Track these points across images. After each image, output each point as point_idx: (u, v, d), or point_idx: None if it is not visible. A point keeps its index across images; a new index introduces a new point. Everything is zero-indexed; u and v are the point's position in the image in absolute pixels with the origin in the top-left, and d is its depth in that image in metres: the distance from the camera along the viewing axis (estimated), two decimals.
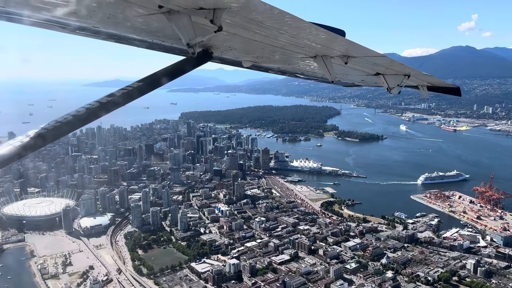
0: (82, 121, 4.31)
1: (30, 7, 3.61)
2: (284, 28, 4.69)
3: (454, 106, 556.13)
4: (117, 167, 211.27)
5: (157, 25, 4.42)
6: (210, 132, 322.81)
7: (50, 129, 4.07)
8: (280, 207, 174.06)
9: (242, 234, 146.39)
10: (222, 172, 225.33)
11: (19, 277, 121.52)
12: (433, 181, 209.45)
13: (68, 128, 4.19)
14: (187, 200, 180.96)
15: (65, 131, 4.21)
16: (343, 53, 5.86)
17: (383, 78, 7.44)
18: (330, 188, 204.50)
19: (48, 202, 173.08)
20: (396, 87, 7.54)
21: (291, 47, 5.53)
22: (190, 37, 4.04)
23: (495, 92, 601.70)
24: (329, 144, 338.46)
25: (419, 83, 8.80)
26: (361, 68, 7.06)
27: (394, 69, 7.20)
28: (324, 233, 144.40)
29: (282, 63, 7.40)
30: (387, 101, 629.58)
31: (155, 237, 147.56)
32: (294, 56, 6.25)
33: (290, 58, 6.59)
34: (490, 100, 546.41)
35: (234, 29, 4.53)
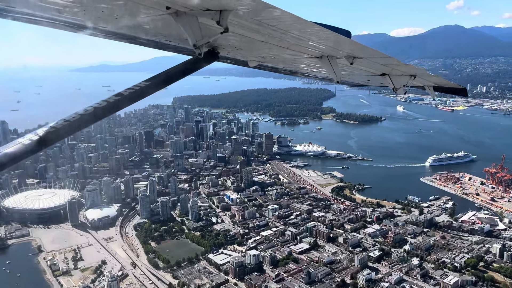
0: (90, 120, 4.37)
1: (39, 7, 3.70)
2: (290, 29, 4.76)
3: None
4: (118, 156, 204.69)
5: (164, 25, 4.52)
6: (208, 117, 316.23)
7: (59, 128, 4.14)
8: (291, 194, 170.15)
9: (256, 223, 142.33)
10: (226, 159, 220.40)
11: (29, 275, 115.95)
12: (441, 163, 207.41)
13: (77, 126, 4.26)
14: (194, 189, 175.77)
15: (74, 130, 4.27)
16: (349, 54, 5.85)
17: (389, 79, 7.37)
18: (337, 173, 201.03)
19: (50, 193, 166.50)
20: (402, 87, 7.51)
21: (297, 47, 5.53)
22: (197, 38, 4.15)
23: (486, 71, 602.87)
24: (328, 127, 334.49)
25: (425, 84, 8.70)
26: (367, 69, 6.95)
27: (400, 70, 7.13)
28: (340, 219, 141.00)
29: (287, 63, 7.37)
30: None
31: (166, 227, 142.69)
32: (299, 57, 6.21)
33: (296, 59, 6.54)
34: (482, 80, 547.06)
35: (240, 30, 4.58)
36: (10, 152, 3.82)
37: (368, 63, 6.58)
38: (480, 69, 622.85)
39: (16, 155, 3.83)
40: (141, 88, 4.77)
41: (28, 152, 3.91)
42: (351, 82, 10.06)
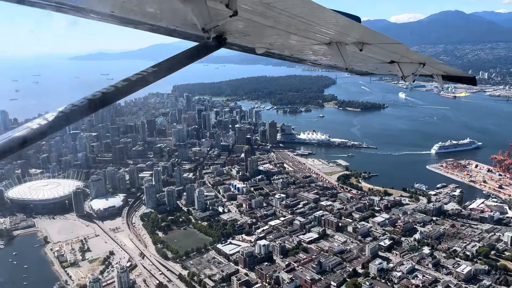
0: (98, 105, 4.33)
1: None
2: (300, 13, 4.75)
3: None
4: (121, 145, 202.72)
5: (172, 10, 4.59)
6: (210, 105, 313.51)
7: (67, 113, 4.11)
8: (297, 183, 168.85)
9: (264, 212, 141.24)
10: (230, 147, 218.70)
11: (36, 266, 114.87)
12: (447, 150, 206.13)
13: (85, 112, 4.24)
14: (199, 178, 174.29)
15: (82, 115, 4.27)
16: (358, 40, 5.76)
17: (398, 66, 7.27)
18: (342, 161, 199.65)
19: (54, 184, 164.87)
20: (410, 75, 7.46)
21: (305, 33, 5.44)
22: (205, 22, 4.17)
23: (487, 57, 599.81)
24: (331, 114, 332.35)
25: (434, 72, 8.64)
26: (376, 56, 6.90)
27: (409, 57, 7.06)
28: (348, 208, 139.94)
29: (295, 50, 7.28)
30: None
31: (173, 217, 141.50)
32: (308, 43, 6.10)
33: (304, 45, 6.46)
34: (483, 65, 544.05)
35: (249, 14, 4.60)
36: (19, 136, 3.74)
37: (377, 50, 6.41)
38: (481, 55, 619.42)
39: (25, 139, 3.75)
40: (149, 73, 4.68)
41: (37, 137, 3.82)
42: (359, 70, 9.78)
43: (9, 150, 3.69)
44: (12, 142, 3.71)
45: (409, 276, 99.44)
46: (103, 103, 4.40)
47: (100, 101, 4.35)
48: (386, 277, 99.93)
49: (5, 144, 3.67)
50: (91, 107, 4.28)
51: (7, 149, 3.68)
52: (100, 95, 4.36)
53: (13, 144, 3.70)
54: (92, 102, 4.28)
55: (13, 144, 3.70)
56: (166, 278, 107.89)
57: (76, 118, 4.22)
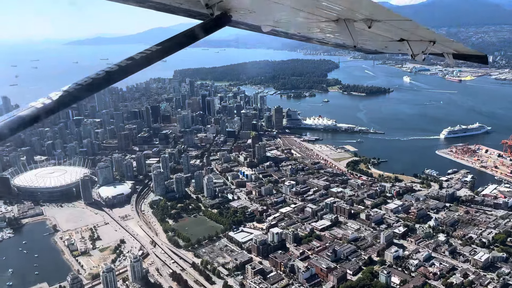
0: (102, 84, 4.41)
1: None
2: None
3: None
4: (126, 132, 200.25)
5: None
6: (213, 91, 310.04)
7: (71, 92, 4.21)
8: (306, 169, 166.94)
9: (274, 200, 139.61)
10: (235, 134, 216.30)
11: (47, 255, 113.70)
12: (456, 135, 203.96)
13: (89, 90, 4.31)
14: (207, 165, 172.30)
15: (86, 94, 4.34)
16: (367, 17, 5.63)
17: (408, 44, 7.15)
18: (350, 146, 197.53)
19: (61, 171, 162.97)
20: (420, 54, 7.27)
21: (312, 9, 5.36)
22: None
23: (491, 39, 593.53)
24: (336, 99, 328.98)
25: (444, 50, 8.39)
26: (385, 34, 6.76)
27: (419, 35, 6.87)
28: (360, 195, 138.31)
29: (302, 28, 7.07)
30: None
31: (182, 205, 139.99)
32: (315, 20, 6.00)
33: (311, 23, 6.31)
34: (487, 48, 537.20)
35: None
36: (24, 115, 3.84)
37: (386, 27, 6.19)
38: (485, 38, 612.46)
39: (30, 118, 3.84)
40: (153, 52, 4.67)
41: (42, 115, 3.93)
42: (367, 49, 9.58)
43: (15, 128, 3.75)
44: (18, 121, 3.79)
45: (426, 264, 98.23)
46: (107, 82, 4.38)
47: (104, 79, 4.33)
48: (403, 265, 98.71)
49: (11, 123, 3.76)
50: (95, 86, 4.28)
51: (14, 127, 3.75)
52: (104, 74, 4.34)
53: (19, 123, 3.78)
54: (96, 80, 4.26)
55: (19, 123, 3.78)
56: (179, 266, 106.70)
57: (81, 97, 4.27)
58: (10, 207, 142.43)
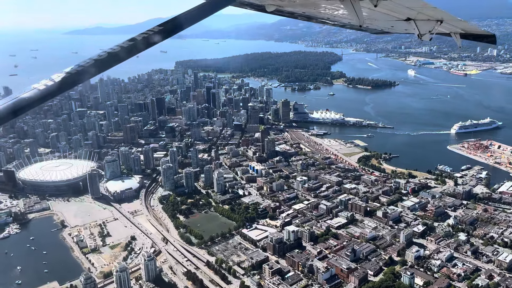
0: (104, 65, 4.36)
1: None
2: None
3: (456, 48, 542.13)
4: (132, 124, 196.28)
5: None
6: (217, 83, 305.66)
7: (74, 73, 4.19)
8: (316, 164, 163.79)
9: (286, 196, 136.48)
10: (242, 127, 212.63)
11: (56, 252, 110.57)
12: (467, 130, 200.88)
13: (91, 72, 4.29)
14: (216, 159, 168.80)
15: (88, 76, 4.32)
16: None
17: (414, 24, 7.04)
18: (360, 141, 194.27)
19: (66, 164, 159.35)
20: (427, 33, 7.18)
21: None
22: None
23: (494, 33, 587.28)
24: (341, 92, 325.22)
25: (451, 30, 8.21)
26: (391, 13, 6.61)
27: (426, 14, 6.76)
28: (374, 192, 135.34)
29: (307, 7, 6.96)
30: (386, 45, 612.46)
31: (193, 200, 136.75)
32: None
33: (316, 1, 6.21)
34: None
35: None
36: (27, 97, 3.84)
37: (393, 6, 6.08)
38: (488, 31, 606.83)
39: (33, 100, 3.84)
40: (155, 32, 4.63)
41: (43, 97, 3.93)
42: (374, 29, 9.33)
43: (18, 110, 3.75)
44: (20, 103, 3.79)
45: (448, 264, 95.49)
46: (109, 63, 4.32)
47: (106, 61, 4.28)
48: (425, 266, 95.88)
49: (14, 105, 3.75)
50: (97, 67, 4.25)
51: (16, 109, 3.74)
52: (106, 55, 4.31)
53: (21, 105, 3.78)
54: (98, 62, 4.24)
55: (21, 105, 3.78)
56: (193, 265, 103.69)
57: (83, 79, 4.24)
58: (15, 201, 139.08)
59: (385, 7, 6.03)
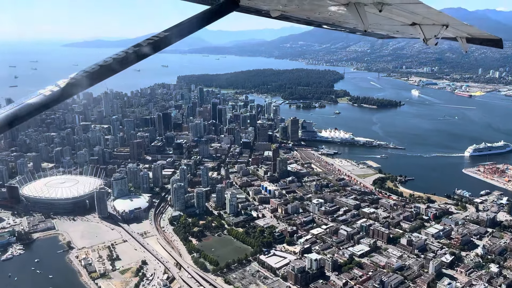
0: (110, 71, 4.37)
1: None
2: None
3: (456, 69, 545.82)
4: (139, 140, 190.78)
5: None
6: (223, 99, 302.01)
7: (79, 79, 4.19)
8: (330, 186, 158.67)
9: (303, 219, 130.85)
10: (251, 145, 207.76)
11: (63, 277, 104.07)
12: (481, 153, 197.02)
13: (97, 78, 4.30)
14: (226, 178, 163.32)
15: (94, 81, 4.32)
16: (378, 0, 5.53)
17: (420, 29, 7.00)
18: (372, 162, 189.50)
19: (72, 181, 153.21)
20: (433, 38, 7.17)
21: None
22: None
23: (494, 55, 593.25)
24: (346, 111, 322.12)
25: (457, 34, 8.14)
26: (396, 18, 6.60)
27: (432, 19, 6.69)
28: (395, 217, 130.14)
29: (312, 12, 6.93)
30: (386, 64, 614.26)
31: (205, 222, 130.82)
32: (325, 4, 5.98)
33: (320, 6, 6.27)
34: (491, 64, 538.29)
35: None
36: (33, 102, 3.85)
37: (397, 11, 6.05)
38: (488, 53, 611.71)
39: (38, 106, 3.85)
40: (160, 38, 4.64)
41: (49, 103, 3.93)
42: (379, 34, 9.21)
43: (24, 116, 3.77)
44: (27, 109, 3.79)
45: None
46: (114, 69, 4.35)
47: (111, 67, 4.30)
48: None
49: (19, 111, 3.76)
50: (102, 73, 4.25)
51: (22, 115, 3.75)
52: (112, 61, 4.33)
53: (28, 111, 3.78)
54: (104, 68, 4.25)
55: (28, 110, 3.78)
56: None
57: (88, 84, 4.23)
58: (18, 219, 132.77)
59: (390, 12, 5.91)
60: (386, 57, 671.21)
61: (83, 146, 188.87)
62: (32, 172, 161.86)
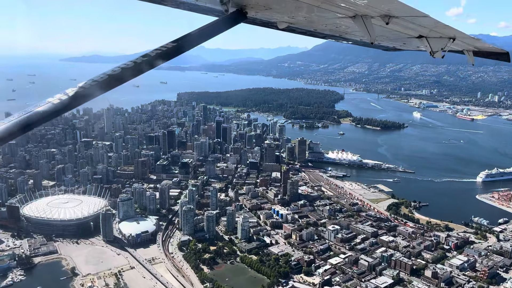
0: (118, 81, 4.42)
1: None
2: None
3: (455, 92, 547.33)
4: (144, 158, 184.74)
5: None
6: (226, 117, 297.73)
7: (88, 88, 4.23)
8: (344, 211, 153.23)
9: (319, 247, 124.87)
10: (257, 165, 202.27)
11: None
12: (493, 179, 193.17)
13: (106, 87, 4.34)
14: (235, 200, 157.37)
15: (102, 91, 4.36)
16: (385, 13, 5.55)
17: (426, 41, 6.99)
18: (383, 186, 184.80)
19: (75, 201, 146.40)
20: (439, 51, 7.12)
21: (329, 6, 5.35)
22: None
23: (491, 79, 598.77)
24: (350, 132, 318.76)
25: (464, 48, 8.06)
26: (403, 30, 6.59)
27: (439, 31, 6.69)
28: (416, 247, 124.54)
29: (319, 25, 6.93)
30: (385, 86, 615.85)
31: (216, 248, 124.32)
32: (331, 17, 5.93)
33: (328, 19, 6.22)
34: (489, 88, 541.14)
35: None
36: (42, 110, 3.90)
37: (404, 23, 6.03)
38: (485, 77, 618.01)
39: (47, 114, 3.90)
40: (168, 49, 4.70)
41: (58, 111, 3.99)
42: (385, 46, 9.07)
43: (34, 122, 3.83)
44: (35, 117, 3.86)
45: None
46: (122, 78, 4.40)
47: (119, 76, 4.35)
48: None
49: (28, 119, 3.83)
50: (111, 82, 4.31)
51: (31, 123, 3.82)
52: (120, 70, 4.38)
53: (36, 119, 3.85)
54: (112, 77, 4.30)
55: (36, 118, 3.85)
56: None
57: (97, 94, 4.30)
58: (18, 241, 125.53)
59: (396, 25, 5.88)
60: (384, 78, 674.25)
61: (85, 163, 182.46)
62: (33, 190, 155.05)
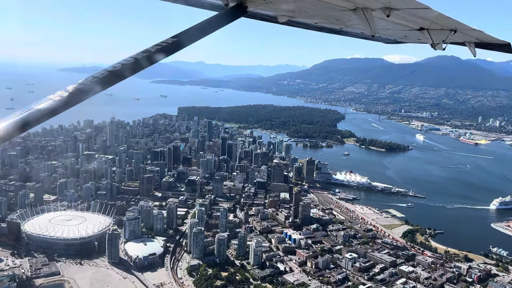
0: (119, 77, 4.43)
1: None
2: None
3: (455, 116, 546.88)
4: (150, 175, 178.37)
5: None
6: (230, 133, 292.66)
7: (88, 85, 4.24)
8: (358, 237, 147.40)
9: (338, 277, 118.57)
10: (265, 185, 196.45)
11: None
12: (507, 206, 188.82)
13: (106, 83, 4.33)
14: (245, 222, 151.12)
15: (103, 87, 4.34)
16: (385, 5, 5.54)
17: (427, 34, 7.01)
18: (395, 211, 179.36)
19: (79, 218, 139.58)
20: (441, 43, 7.14)
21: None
22: None
23: (490, 104, 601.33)
24: (355, 152, 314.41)
25: (466, 39, 8.03)
26: (404, 22, 6.61)
27: (440, 23, 6.71)
28: (437, 279, 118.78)
29: (319, 18, 7.01)
30: (385, 107, 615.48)
31: (227, 274, 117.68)
32: (332, 9, 5.92)
33: (328, 12, 6.23)
34: (489, 113, 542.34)
35: None
36: (42, 108, 3.90)
37: (405, 16, 6.08)
38: (484, 101, 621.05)
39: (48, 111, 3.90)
40: (168, 44, 4.70)
41: (58, 109, 3.99)
42: (386, 39, 9.00)
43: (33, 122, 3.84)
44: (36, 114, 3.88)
45: None
46: (123, 74, 4.40)
47: (120, 72, 4.35)
48: None
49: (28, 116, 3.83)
50: (111, 79, 4.31)
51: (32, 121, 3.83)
52: (120, 66, 4.37)
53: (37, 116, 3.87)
54: (112, 73, 4.30)
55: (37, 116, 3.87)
56: None
57: (97, 90, 4.28)
58: (18, 260, 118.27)
59: (397, 17, 5.85)
60: (384, 99, 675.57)
61: (89, 178, 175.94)
62: (34, 205, 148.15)
